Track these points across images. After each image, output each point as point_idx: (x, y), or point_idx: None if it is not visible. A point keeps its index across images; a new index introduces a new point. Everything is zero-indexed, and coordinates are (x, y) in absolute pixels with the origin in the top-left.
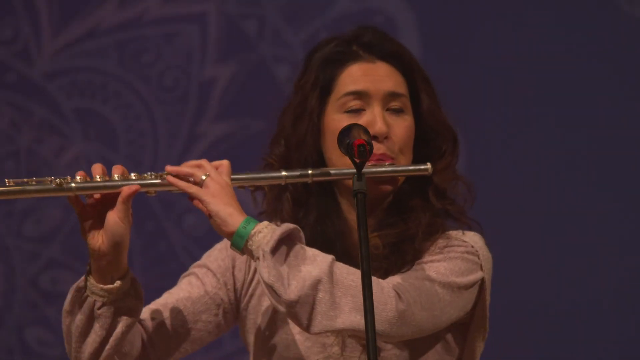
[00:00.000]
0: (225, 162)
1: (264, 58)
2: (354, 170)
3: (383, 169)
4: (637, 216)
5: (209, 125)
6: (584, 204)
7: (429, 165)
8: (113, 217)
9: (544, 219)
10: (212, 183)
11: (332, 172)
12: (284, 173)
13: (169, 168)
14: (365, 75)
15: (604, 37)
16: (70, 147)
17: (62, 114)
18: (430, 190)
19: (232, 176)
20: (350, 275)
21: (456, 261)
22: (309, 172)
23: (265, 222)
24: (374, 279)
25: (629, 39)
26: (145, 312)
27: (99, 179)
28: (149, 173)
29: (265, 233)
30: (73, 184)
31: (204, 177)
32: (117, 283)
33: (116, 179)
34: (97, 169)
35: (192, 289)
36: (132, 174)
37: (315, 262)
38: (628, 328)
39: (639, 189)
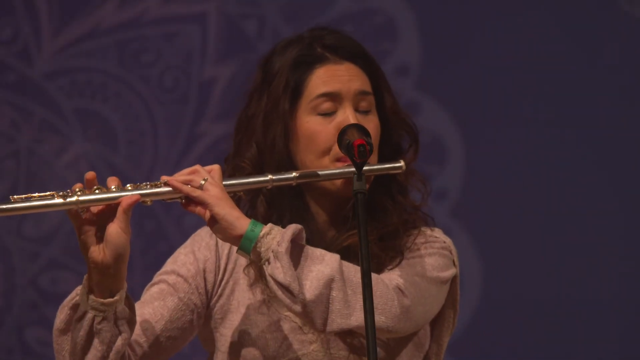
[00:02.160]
0: (216, 167)
1: None
2: (343, 170)
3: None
4: (637, 216)
5: (209, 125)
6: (584, 204)
7: (402, 163)
8: (115, 228)
9: (544, 219)
10: (211, 187)
11: (320, 173)
12: (269, 177)
13: (164, 178)
14: (335, 77)
15: (604, 37)
16: (70, 147)
17: (62, 114)
18: (394, 188)
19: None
20: (357, 273)
21: (436, 257)
22: (293, 174)
23: (270, 224)
24: (376, 276)
25: (629, 39)
26: None
27: (97, 191)
28: (145, 183)
29: (274, 234)
30: (75, 197)
31: (202, 182)
32: (117, 296)
33: (114, 189)
34: (91, 176)
35: (165, 298)
36: (129, 185)
37: (324, 261)
38: (628, 328)
39: (639, 189)
